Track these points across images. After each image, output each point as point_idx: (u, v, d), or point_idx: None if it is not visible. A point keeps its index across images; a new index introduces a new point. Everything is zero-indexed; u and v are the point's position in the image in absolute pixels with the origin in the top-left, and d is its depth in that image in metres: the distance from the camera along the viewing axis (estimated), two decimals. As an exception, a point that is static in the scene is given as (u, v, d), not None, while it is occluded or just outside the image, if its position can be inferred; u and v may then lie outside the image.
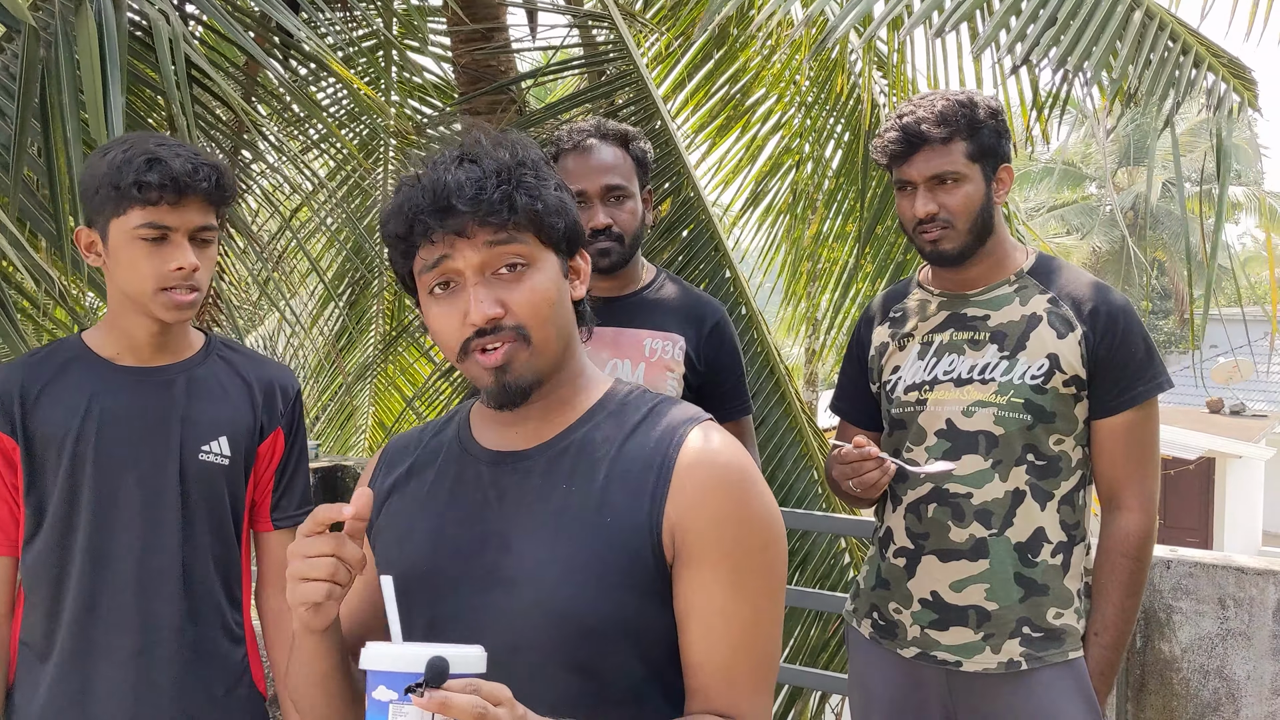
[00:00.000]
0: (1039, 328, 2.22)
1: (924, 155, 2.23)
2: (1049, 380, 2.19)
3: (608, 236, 2.46)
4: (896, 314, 2.41)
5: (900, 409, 2.32)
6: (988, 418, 2.21)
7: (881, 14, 3.25)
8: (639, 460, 1.32)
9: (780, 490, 4.28)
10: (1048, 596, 2.20)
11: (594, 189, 2.45)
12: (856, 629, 2.43)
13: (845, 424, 2.53)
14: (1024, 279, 2.28)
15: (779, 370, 4.40)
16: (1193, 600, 2.92)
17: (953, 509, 2.23)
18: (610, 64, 4.91)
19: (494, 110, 4.68)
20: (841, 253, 5.66)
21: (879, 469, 2.15)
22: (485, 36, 4.68)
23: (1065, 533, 2.22)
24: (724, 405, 2.58)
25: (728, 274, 4.47)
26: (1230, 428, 18.68)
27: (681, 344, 2.52)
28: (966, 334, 2.27)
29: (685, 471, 1.30)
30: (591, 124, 2.54)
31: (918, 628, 2.28)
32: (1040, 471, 2.21)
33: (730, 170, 5.92)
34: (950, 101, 2.23)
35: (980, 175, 2.23)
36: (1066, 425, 2.22)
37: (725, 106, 5.80)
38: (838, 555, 4.30)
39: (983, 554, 2.21)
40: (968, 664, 2.23)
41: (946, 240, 2.24)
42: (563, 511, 1.32)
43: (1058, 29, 3.11)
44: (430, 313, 1.33)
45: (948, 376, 2.26)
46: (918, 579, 2.28)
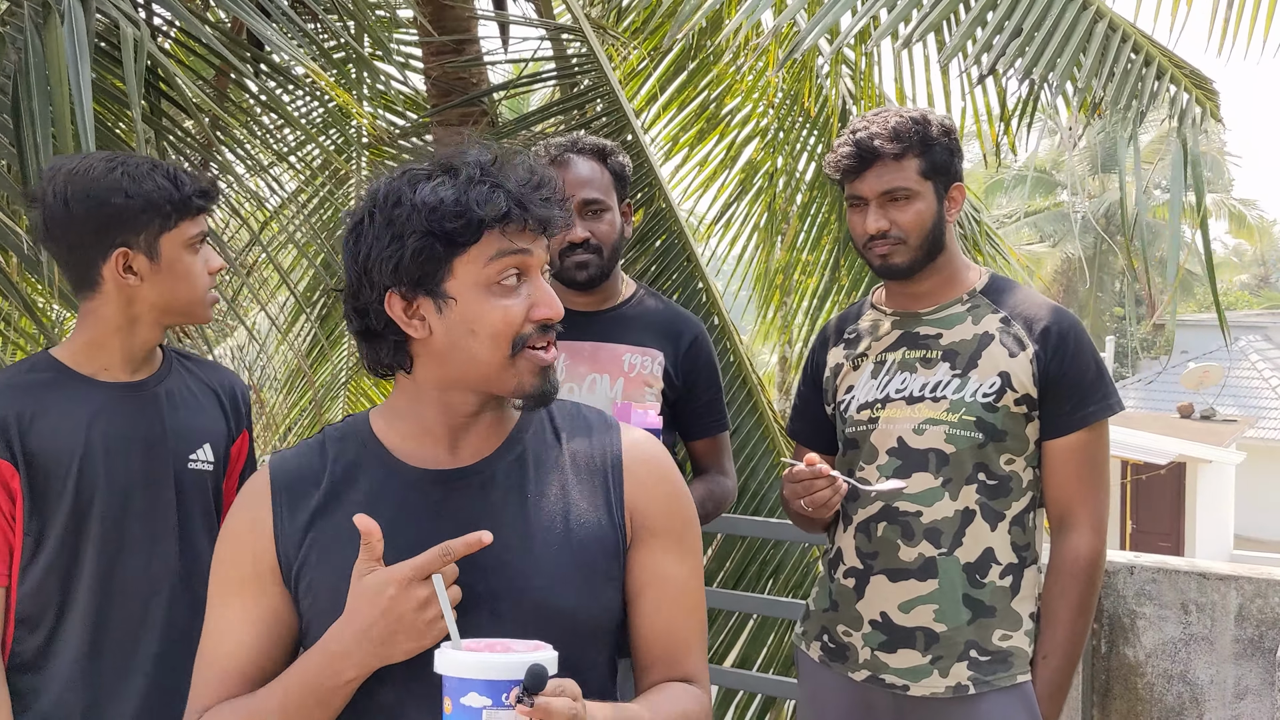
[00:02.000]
0: (990, 346, 2.21)
1: (876, 171, 2.22)
2: (1000, 398, 2.18)
3: (586, 249, 2.47)
4: (850, 335, 2.40)
5: (853, 428, 2.31)
6: (939, 435, 2.20)
7: (849, 26, 3.28)
8: (586, 462, 1.44)
9: (753, 500, 4.30)
10: (994, 619, 2.18)
11: (571, 203, 2.46)
12: (805, 652, 2.39)
13: (800, 447, 2.49)
14: (976, 298, 2.28)
15: (751, 380, 4.42)
16: (1156, 605, 2.95)
17: (902, 528, 2.21)
18: (582, 76, 4.93)
19: (466, 122, 4.68)
20: (816, 264, 5.69)
21: (830, 487, 2.11)
22: (456, 49, 4.69)
23: (1015, 554, 2.20)
24: (700, 421, 2.60)
25: (700, 284, 4.49)
26: (1201, 433, 18.83)
27: (661, 359, 2.53)
28: (919, 352, 2.27)
29: (633, 464, 1.45)
30: (569, 139, 2.55)
31: (868, 650, 2.25)
32: (991, 491, 2.19)
33: (703, 181, 5.94)
34: (904, 118, 2.22)
35: (932, 192, 2.23)
36: (1018, 445, 2.21)
37: (698, 118, 5.82)
38: (810, 564, 4.32)
39: (931, 574, 2.19)
40: (915, 688, 2.20)
41: (897, 255, 2.24)
42: (533, 522, 1.37)
43: (1023, 40, 3.15)
44: (487, 304, 1.33)
45: (900, 394, 2.25)
46: (867, 600, 2.25)
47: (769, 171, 5.82)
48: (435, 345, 1.35)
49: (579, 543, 1.38)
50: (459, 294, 1.33)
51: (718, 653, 4.09)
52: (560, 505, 1.40)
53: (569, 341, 2.52)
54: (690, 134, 5.86)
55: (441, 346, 1.34)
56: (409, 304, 1.33)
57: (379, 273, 1.32)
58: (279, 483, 1.40)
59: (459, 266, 1.32)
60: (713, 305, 4.47)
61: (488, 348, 1.33)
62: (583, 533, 1.39)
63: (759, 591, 4.18)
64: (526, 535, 1.36)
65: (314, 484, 1.39)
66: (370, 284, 1.33)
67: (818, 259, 5.74)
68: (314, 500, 1.38)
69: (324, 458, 1.41)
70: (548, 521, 1.38)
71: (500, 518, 1.36)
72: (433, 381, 1.37)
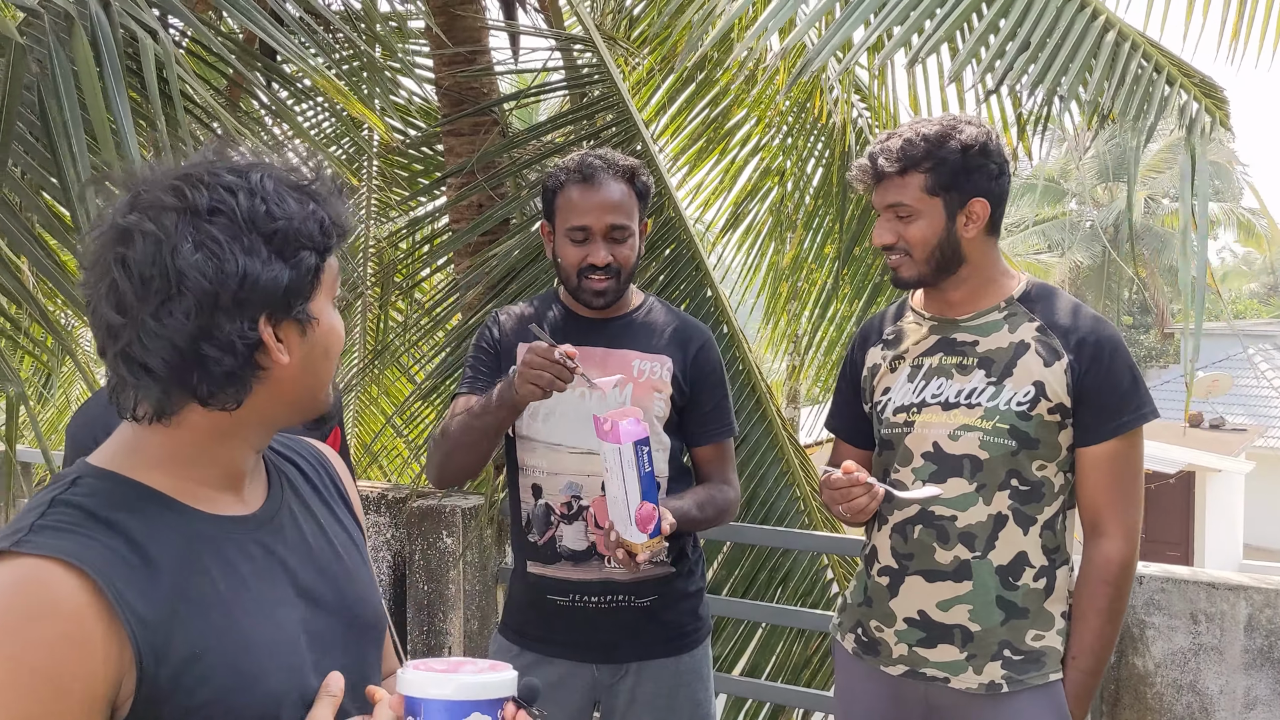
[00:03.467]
0: (1026, 355, 2.24)
1: (883, 186, 2.28)
2: (1034, 407, 2.21)
3: (606, 272, 2.49)
4: (890, 336, 2.44)
5: (889, 430, 2.35)
6: (973, 442, 2.24)
7: (860, 41, 3.29)
8: (318, 478, 1.42)
9: (761, 508, 4.30)
10: (1028, 620, 2.23)
11: (598, 226, 2.47)
12: (840, 643, 2.46)
13: (839, 442, 2.57)
14: (1014, 306, 2.31)
15: (760, 388, 4.42)
16: (1165, 615, 2.95)
17: (938, 531, 2.26)
18: (592, 86, 4.94)
19: (477, 132, 4.70)
20: (820, 273, 5.71)
21: (867, 494, 2.20)
22: (468, 59, 4.71)
23: (1047, 557, 2.25)
24: (706, 427, 2.61)
25: (709, 293, 4.50)
26: (1210, 442, 18.79)
27: (669, 365, 2.55)
28: (955, 358, 2.30)
29: (341, 470, 1.47)
30: (600, 155, 2.54)
31: (904, 646, 2.30)
32: (1023, 496, 2.23)
33: (711, 191, 5.97)
34: (916, 135, 2.24)
35: (940, 209, 2.25)
36: (1050, 452, 2.24)
37: (706, 128, 5.84)
38: (819, 573, 4.32)
39: (966, 576, 2.24)
40: (954, 680, 2.26)
41: (904, 268, 2.31)
42: (335, 543, 1.37)
43: (1032, 51, 3.17)
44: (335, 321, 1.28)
45: (935, 399, 2.29)
46: (900, 598, 2.31)
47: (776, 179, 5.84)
48: (289, 372, 1.22)
49: (360, 551, 1.41)
50: (319, 313, 1.24)
51: (726, 660, 4.10)
52: (335, 521, 1.40)
53: (579, 347, 2.54)
54: (699, 143, 5.89)
55: (295, 373, 1.23)
56: (275, 329, 1.20)
57: (257, 295, 1.16)
58: (105, 581, 1.10)
59: (321, 282, 1.24)
60: (722, 313, 4.48)
61: (330, 367, 1.28)
62: (359, 542, 1.42)
63: (768, 600, 4.18)
64: (336, 556, 1.35)
65: (126, 559, 1.13)
66: (239, 308, 1.16)
67: (821, 266, 5.77)
68: (137, 581, 1.13)
69: (95, 531, 1.13)
70: (339, 538, 1.38)
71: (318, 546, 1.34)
72: (258, 417, 1.24)
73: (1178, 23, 3.73)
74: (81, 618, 1.08)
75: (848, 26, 3.20)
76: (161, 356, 1.15)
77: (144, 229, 1.15)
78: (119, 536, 1.13)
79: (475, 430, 2.46)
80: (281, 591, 1.25)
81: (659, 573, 2.52)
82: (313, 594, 1.28)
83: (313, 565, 1.31)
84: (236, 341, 1.16)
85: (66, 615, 1.07)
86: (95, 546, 1.11)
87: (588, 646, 2.54)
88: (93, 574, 1.09)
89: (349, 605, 1.32)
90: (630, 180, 2.52)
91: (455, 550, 3.82)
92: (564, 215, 2.51)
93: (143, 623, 1.11)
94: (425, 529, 3.86)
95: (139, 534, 1.15)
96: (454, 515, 3.83)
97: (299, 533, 1.32)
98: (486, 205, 4.67)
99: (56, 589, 1.08)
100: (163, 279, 1.14)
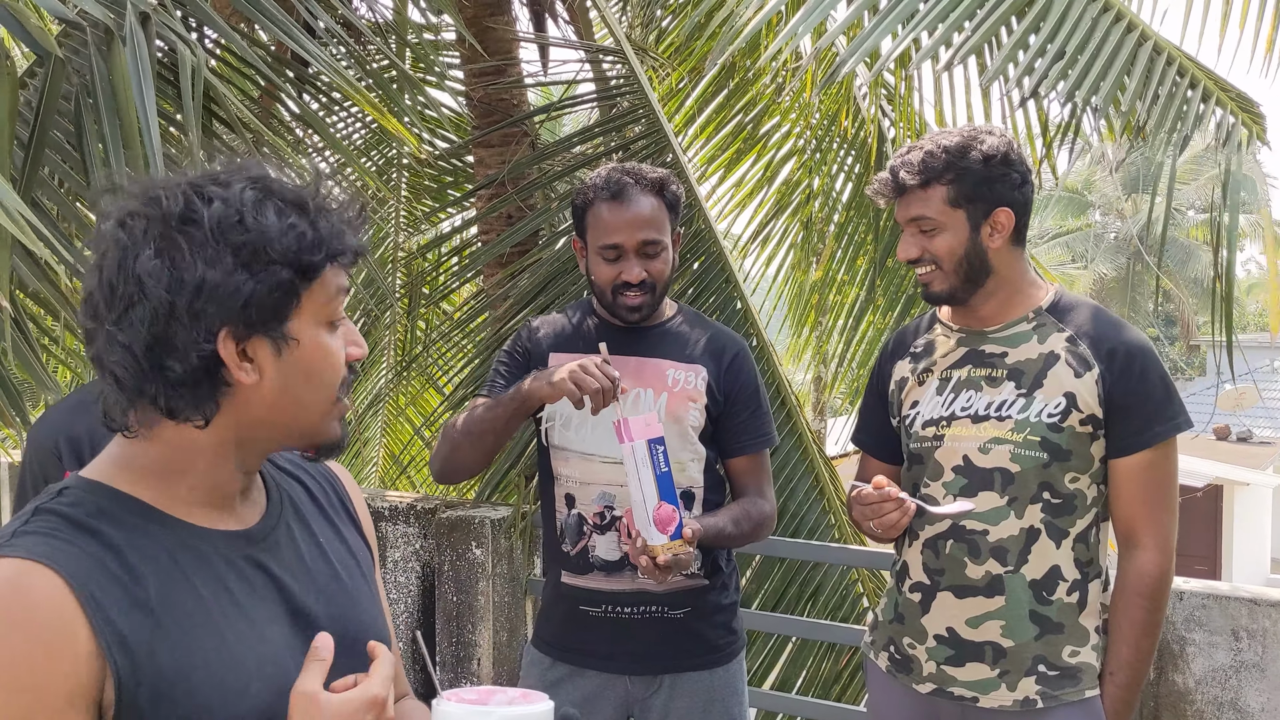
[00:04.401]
0: (1056, 366, 2.22)
1: (905, 200, 2.26)
2: (1065, 419, 2.19)
3: (641, 289, 2.48)
4: (917, 349, 2.42)
5: (918, 444, 2.33)
6: (1004, 455, 2.21)
7: (889, 50, 3.28)
8: (323, 496, 1.40)
9: (792, 521, 4.28)
10: (1063, 635, 2.21)
11: (630, 243, 2.46)
12: (874, 661, 2.44)
13: (866, 457, 2.54)
14: (1042, 317, 2.29)
15: (790, 401, 4.41)
16: (1206, 632, 2.92)
17: (969, 545, 2.23)
18: (622, 98, 4.95)
19: (507, 144, 4.72)
20: (852, 285, 5.69)
21: (899, 509, 2.17)
22: (498, 71, 4.72)
23: (1080, 570, 2.22)
24: (740, 438, 2.60)
25: (739, 305, 4.49)
26: (1237, 455, 18.65)
27: (704, 375, 2.54)
28: (984, 371, 2.28)
29: (351, 488, 1.45)
30: (628, 169, 2.53)
31: (933, 663, 2.28)
32: (1055, 509, 2.21)
33: (740, 201, 5.97)
34: (936, 147, 2.22)
35: (964, 220, 2.23)
36: (1082, 464, 2.22)
37: (735, 139, 5.85)
38: (849, 587, 4.30)
39: (998, 591, 2.21)
40: (984, 700, 2.23)
41: (935, 282, 2.28)
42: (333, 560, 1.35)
43: (1065, 63, 3.15)
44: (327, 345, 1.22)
45: (965, 413, 2.27)
46: (932, 615, 2.28)
47: (806, 191, 5.84)
48: (261, 392, 1.18)
49: (367, 569, 1.39)
50: (301, 334, 1.18)
51: (756, 674, 4.08)
52: (338, 540, 1.37)
53: (614, 356, 2.54)
54: (727, 153, 5.89)
55: (270, 393, 1.18)
56: (240, 345, 1.16)
57: (215, 307, 1.13)
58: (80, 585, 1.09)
59: (306, 303, 1.18)
60: (751, 325, 4.47)
61: (321, 393, 1.21)
62: (363, 560, 1.39)
63: (798, 614, 4.16)
64: (335, 575, 1.33)
65: (116, 576, 1.12)
66: (194, 319, 1.13)
67: (853, 278, 5.75)
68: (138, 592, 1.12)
69: (80, 541, 1.12)
70: (340, 558, 1.35)
71: (316, 565, 1.32)
72: (235, 436, 1.20)
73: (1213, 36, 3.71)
74: (59, 619, 1.06)
75: (876, 36, 3.20)
76: (122, 364, 1.14)
77: (116, 236, 1.14)
78: (99, 543, 1.12)
79: (485, 422, 2.45)
80: (272, 609, 1.22)
81: (692, 584, 2.52)
82: (306, 614, 1.25)
83: (308, 585, 1.28)
84: (192, 354, 1.13)
85: (43, 619, 1.06)
86: (73, 552, 1.10)
87: (621, 657, 2.53)
88: (67, 578, 1.07)
89: (345, 626, 1.28)
90: (660, 192, 2.51)
91: (484, 561, 3.82)
92: (595, 233, 2.51)
93: (117, 633, 1.09)
94: (454, 540, 3.86)
95: (120, 542, 1.13)
96: (483, 526, 3.83)
97: (295, 551, 1.29)
98: (517, 217, 4.68)
99: (33, 591, 1.06)
100: (125, 285, 1.12)
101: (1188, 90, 3.24)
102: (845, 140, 5.72)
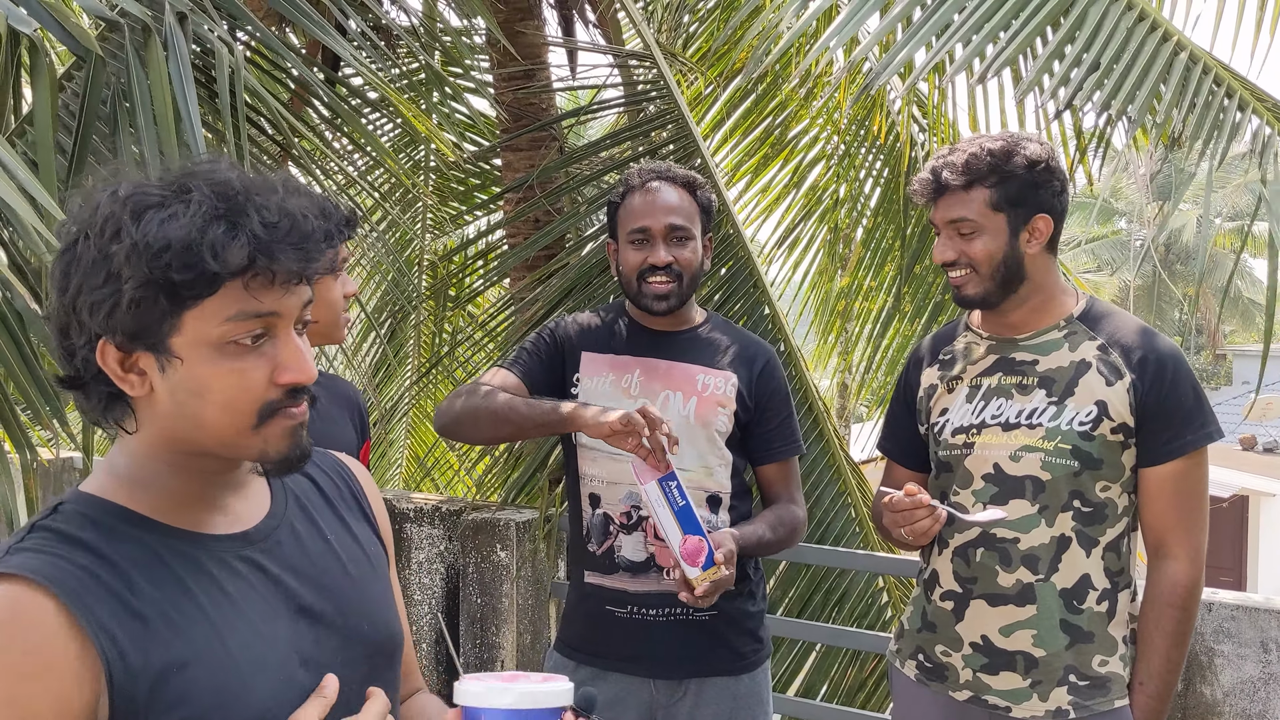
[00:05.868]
0: (1087, 374, 2.21)
1: (945, 201, 2.25)
2: (1097, 427, 2.18)
3: (668, 274, 2.49)
4: (945, 356, 2.41)
5: (947, 452, 2.33)
6: (1035, 463, 2.21)
7: (923, 63, 3.27)
8: (334, 490, 1.37)
9: (819, 528, 4.27)
10: (1093, 644, 2.20)
11: (658, 227, 2.48)
12: (900, 670, 2.43)
13: (892, 464, 2.53)
14: (1074, 324, 2.28)
15: (818, 407, 4.40)
16: (1234, 643, 2.90)
17: (1000, 554, 2.23)
18: (651, 102, 4.95)
19: (535, 147, 4.73)
20: (880, 291, 5.68)
21: (930, 517, 2.16)
22: (527, 75, 4.73)
23: (1109, 579, 2.22)
24: (772, 444, 2.60)
25: (766, 310, 4.49)
26: (1263, 465, 18.48)
27: (734, 381, 2.54)
28: (1015, 378, 2.27)
29: (366, 484, 1.43)
30: (659, 166, 2.57)
31: (970, 670, 2.27)
32: (1086, 518, 2.20)
33: (767, 206, 5.96)
34: (981, 150, 2.22)
35: (1004, 224, 2.22)
36: (1113, 472, 2.21)
37: (763, 144, 5.84)
38: (876, 594, 4.29)
39: (1030, 599, 2.21)
40: (1017, 710, 2.23)
41: (969, 285, 2.27)
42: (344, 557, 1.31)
43: (1101, 73, 3.13)
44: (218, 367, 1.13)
45: (995, 420, 2.26)
46: (967, 622, 2.28)
47: (834, 196, 5.83)
48: (159, 405, 1.14)
49: (379, 569, 1.36)
50: (185, 353, 1.11)
51: (781, 680, 4.08)
52: (348, 535, 1.34)
53: (644, 358, 2.54)
54: (755, 158, 5.88)
55: (166, 408, 1.14)
56: (126, 356, 1.12)
57: (89, 316, 1.10)
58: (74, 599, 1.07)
59: (188, 321, 1.10)
60: (779, 331, 4.47)
61: (221, 415, 1.13)
62: (376, 561, 1.36)
63: (824, 620, 4.16)
64: (343, 571, 1.30)
65: (105, 584, 1.10)
66: (79, 325, 1.12)
67: (881, 284, 5.74)
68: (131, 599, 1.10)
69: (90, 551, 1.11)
70: (350, 553, 1.32)
71: (323, 562, 1.28)
72: (163, 443, 1.17)
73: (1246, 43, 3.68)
74: (51, 639, 1.05)
75: (910, 48, 3.18)
76: (59, 371, 1.18)
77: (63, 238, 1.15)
78: (90, 554, 1.10)
79: (515, 415, 2.43)
80: (274, 607, 1.20)
81: None
82: (312, 611, 1.23)
83: (313, 582, 1.25)
84: (79, 359, 1.14)
85: (35, 641, 1.04)
86: (65, 566, 1.08)
87: (645, 660, 2.53)
88: (59, 591, 1.05)
89: (352, 622, 1.26)
90: (691, 189, 2.54)
91: (509, 564, 3.83)
92: (625, 222, 2.54)
93: (113, 639, 1.07)
94: (479, 542, 3.87)
95: (110, 551, 1.11)
96: (508, 529, 3.84)
97: (299, 548, 1.26)
98: (544, 221, 4.69)
99: (25, 611, 1.05)
100: (55, 293, 1.15)
101: (1224, 99, 3.21)
102: (874, 146, 5.70)
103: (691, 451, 2.49)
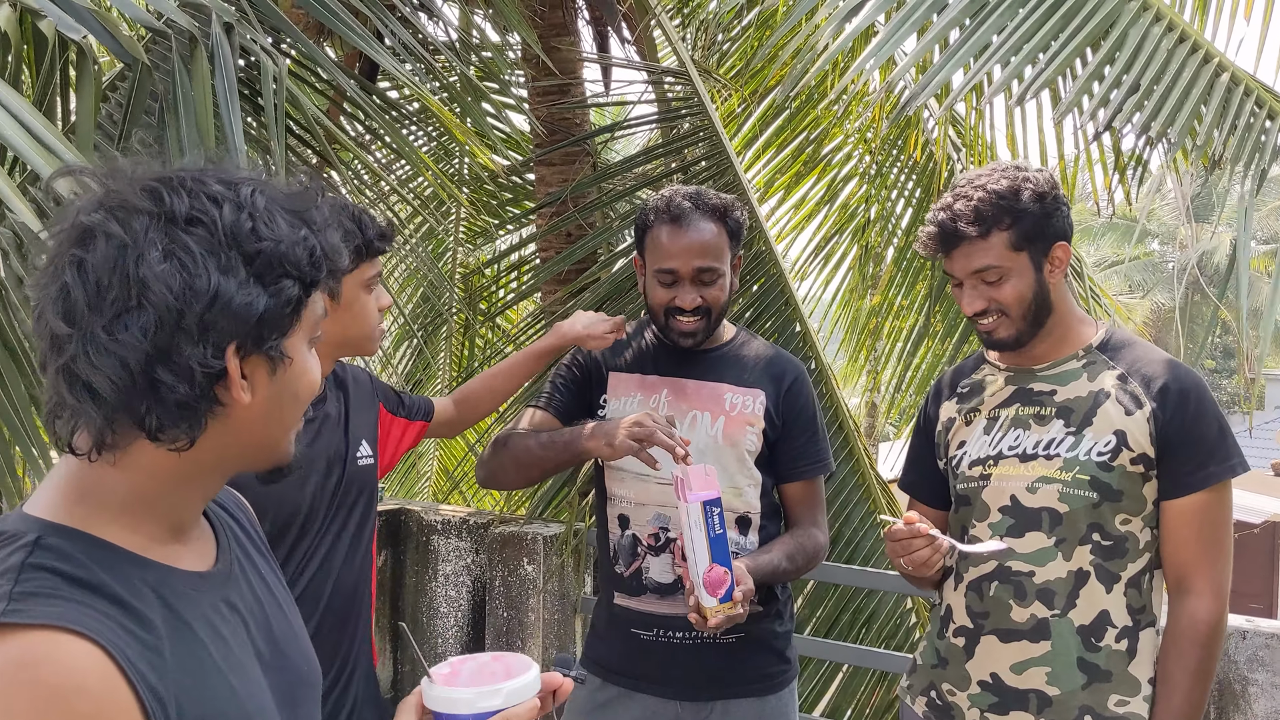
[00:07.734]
0: (1106, 404, 2.16)
1: (963, 251, 2.18)
2: (1116, 457, 2.13)
3: (695, 314, 2.47)
4: (964, 389, 2.37)
5: (965, 484, 2.28)
6: (1052, 494, 2.15)
7: (961, 84, 3.26)
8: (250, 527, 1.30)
9: (847, 547, 4.25)
10: (1110, 683, 2.13)
11: (686, 270, 2.45)
12: (910, 707, 2.37)
13: (914, 501, 2.49)
14: (1092, 354, 2.24)
15: (848, 426, 4.38)
16: (1269, 672, 2.87)
17: (1014, 587, 2.17)
18: (684, 119, 4.96)
19: (569, 163, 4.74)
20: (910, 310, 5.66)
21: (929, 546, 2.10)
22: (562, 90, 4.75)
23: (1131, 617, 2.14)
24: (798, 463, 2.58)
25: (798, 327, 4.47)
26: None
27: (762, 399, 2.53)
28: (1033, 409, 2.23)
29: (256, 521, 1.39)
30: (691, 194, 2.50)
31: (976, 710, 2.21)
32: (1106, 552, 2.14)
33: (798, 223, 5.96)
34: (987, 194, 2.15)
35: (1028, 262, 2.17)
36: (1134, 505, 2.14)
37: (795, 162, 5.84)
38: (904, 615, 4.26)
39: (1044, 635, 2.15)
40: None
41: (1001, 329, 2.21)
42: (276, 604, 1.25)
43: (1141, 94, 3.11)
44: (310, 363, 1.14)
45: (1013, 451, 2.21)
46: (976, 660, 2.22)
47: (865, 216, 5.82)
48: (250, 414, 1.08)
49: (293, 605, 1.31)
50: (294, 352, 1.09)
51: (807, 701, 4.05)
52: (273, 574, 1.28)
53: (672, 378, 2.53)
54: (787, 175, 5.88)
55: (257, 415, 1.09)
56: (241, 362, 1.06)
57: (227, 321, 1.02)
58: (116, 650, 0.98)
59: (304, 320, 1.10)
60: (810, 348, 4.45)
61: (299, 412, 1.13)
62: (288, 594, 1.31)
63: (851, 641, 4.13)
64: (282, 613, 1.25)
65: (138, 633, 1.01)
66: (203, 332, 1.02)
67: (911, 304, 5.72)
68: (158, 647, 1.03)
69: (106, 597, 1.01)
70: (280, 594, 1.26)
71: (268, 604, 1.22)
72: (213, 459, 1.10)
73: None
74: (111, 693, 0.95)
75: (947, 69, 3.17)
76: (109, 376, 1.00)
77: (108, 230, 1.00)
78: (107, 600, 1.00)
79: (534, 458, 2.46)
80: (249, 651, 1.14)
81: None
82: (266, 654, 1.17)
83: (266, 623, 1.19)
84: (196, 370, 1.01)
85: (97, 693, 0.94)
86: (92, 614, 0.97)
87: (673, 683, 2.52)
88: (105, 644, 0.96)
89: (296, 664, 1.22)
90: (722, 218, 2.48)
91: (536, 578, 3.83)
92: (653, 256, 2.50)
93: (153, 692, 0.98)
94: (506, 555, 3.87)
95: (127, 596, 1.01)
96: (535, 543, 3.84)
97: (251, 589, 1.20)
98: (576, 235, 4.70)
99: (76, 664, 0.94)
100: (122, 288, 0.99)
101: (1266, 121, 3.18)
102: (907, 165, 5.69)
103: (720, 472, 2.45)
